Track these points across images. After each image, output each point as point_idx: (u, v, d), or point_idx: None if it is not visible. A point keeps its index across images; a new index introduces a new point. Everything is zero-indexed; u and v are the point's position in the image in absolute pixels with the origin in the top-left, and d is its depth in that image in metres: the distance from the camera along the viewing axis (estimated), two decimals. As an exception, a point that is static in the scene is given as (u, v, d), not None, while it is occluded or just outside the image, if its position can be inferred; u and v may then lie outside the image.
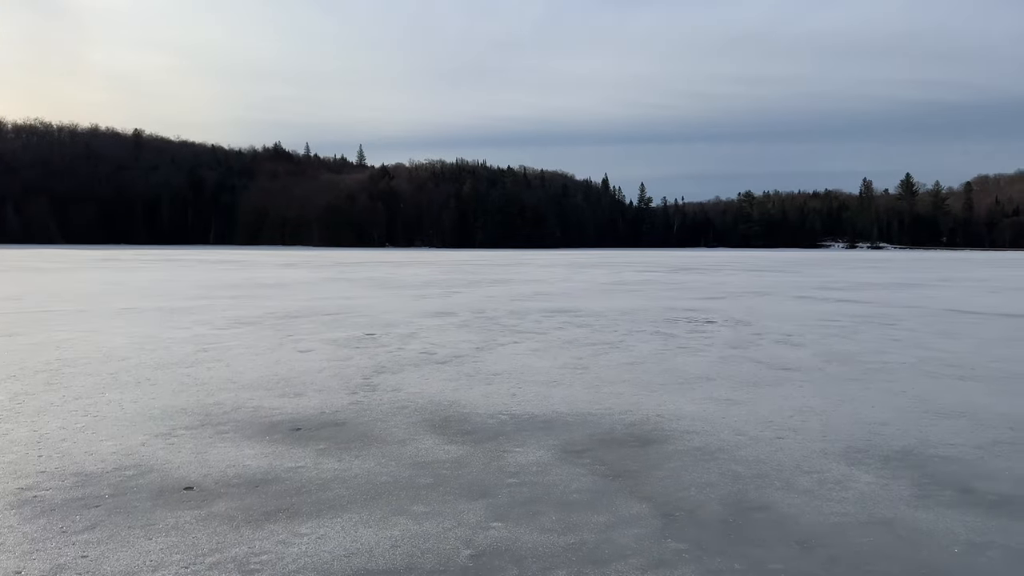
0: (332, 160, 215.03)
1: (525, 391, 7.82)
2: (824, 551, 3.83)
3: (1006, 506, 4.49)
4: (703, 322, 14.51)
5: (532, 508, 4.42)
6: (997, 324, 14.38)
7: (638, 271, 40.23)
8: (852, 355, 10.35)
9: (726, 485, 4.86)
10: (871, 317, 15.61)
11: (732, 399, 7.48)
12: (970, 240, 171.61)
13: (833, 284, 28.30)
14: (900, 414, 6.84)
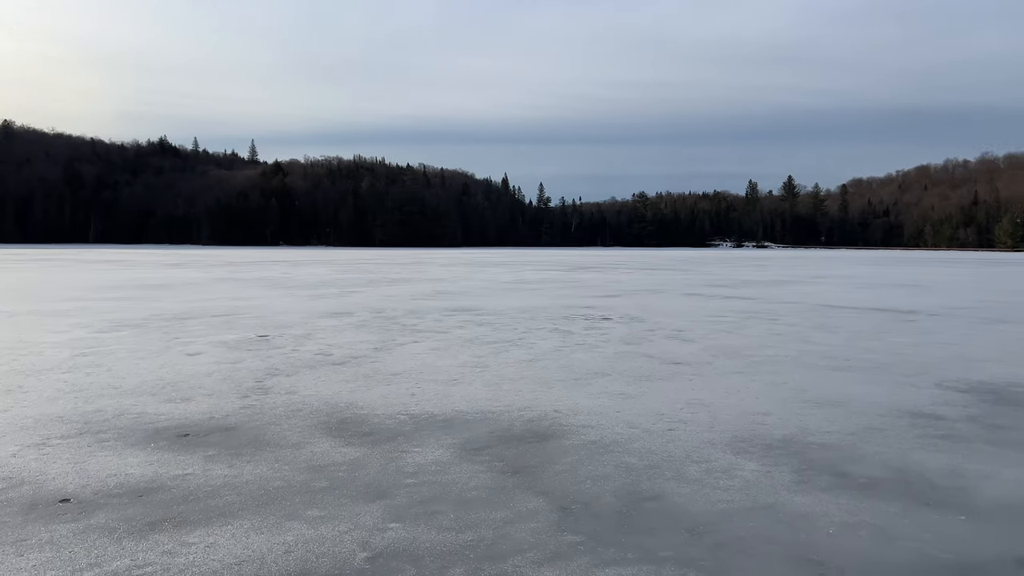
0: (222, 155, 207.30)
1: (425, 390, 7.78)
2: (711, 537, 4.00)
3: (875, 488, 4.81)
4: (599, 319, 14.84)
5: (430, 507, 4.40)
6: (868, 318, 15.37)
7: (538, 270, 40.73)
8: (738, 349, 10.83)
9: (620, 477, 4.99)
10: (756, 313, 16.37)
11: (626, 393, 7.69)
12: (845, 239, 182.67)
13: (721, 282, 29.51)
14: (781, 404, 7.21)
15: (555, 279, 30.95)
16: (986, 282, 30.13)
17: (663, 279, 31.35)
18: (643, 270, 41.12)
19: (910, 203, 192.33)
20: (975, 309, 17.53)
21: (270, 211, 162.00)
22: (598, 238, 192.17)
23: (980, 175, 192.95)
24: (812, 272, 39.68)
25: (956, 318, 15.39)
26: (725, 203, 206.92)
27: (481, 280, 29.76)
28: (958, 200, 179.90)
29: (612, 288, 25.08)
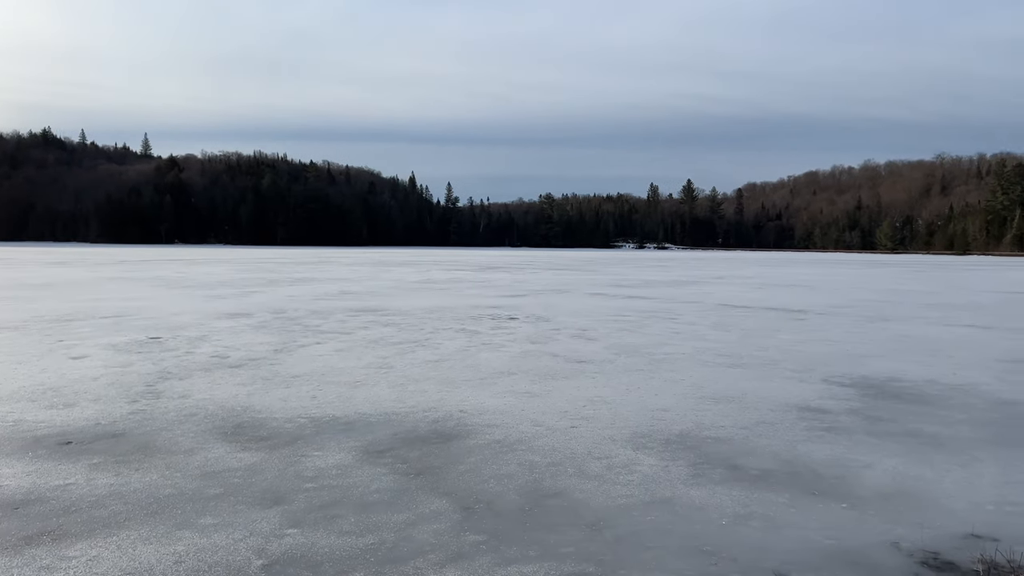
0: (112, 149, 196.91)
1: (326, 393, 7.62)
2: (611, 532, 4.08)
3: (766, 479, 5.02)
4: (506, 319, 14.91)
5: (330, 512, 4.31)
6: (761, 317, 16.05)
7: (446, 270, 40.59)
8: (639, 347, 11.10)
9: (523, 475, 5.02)
10: (656, 312, 16.83)
11: (531, 392, 7.75)
12: (741, 241, 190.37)
13: (624, 282, 30.21)
14: (679, 400, 7.44)
15: (463, 279, 30.92)
16: (868, 282, 32.00)
17: (569, 279, 31.82)
18: (550, 270, 41.62)
19: (800, 207, 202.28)
20: (858, 308, 18.58)
21: (165, 208, 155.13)
22: (506, 238, 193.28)
23: (863, 181, 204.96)
24: (710, 273, 41.14)
25: (841, 316, 16.27)
26: (628, 205, 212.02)
27: (387, 280, 29.42)
28: (844, 204, 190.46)
29: (519, 288, 25.27)
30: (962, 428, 6.45)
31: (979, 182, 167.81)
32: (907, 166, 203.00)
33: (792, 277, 36.32)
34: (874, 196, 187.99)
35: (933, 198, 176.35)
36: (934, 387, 8.27)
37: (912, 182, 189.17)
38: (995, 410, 7.17)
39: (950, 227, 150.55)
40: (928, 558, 3.80)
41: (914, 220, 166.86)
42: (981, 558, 3.77)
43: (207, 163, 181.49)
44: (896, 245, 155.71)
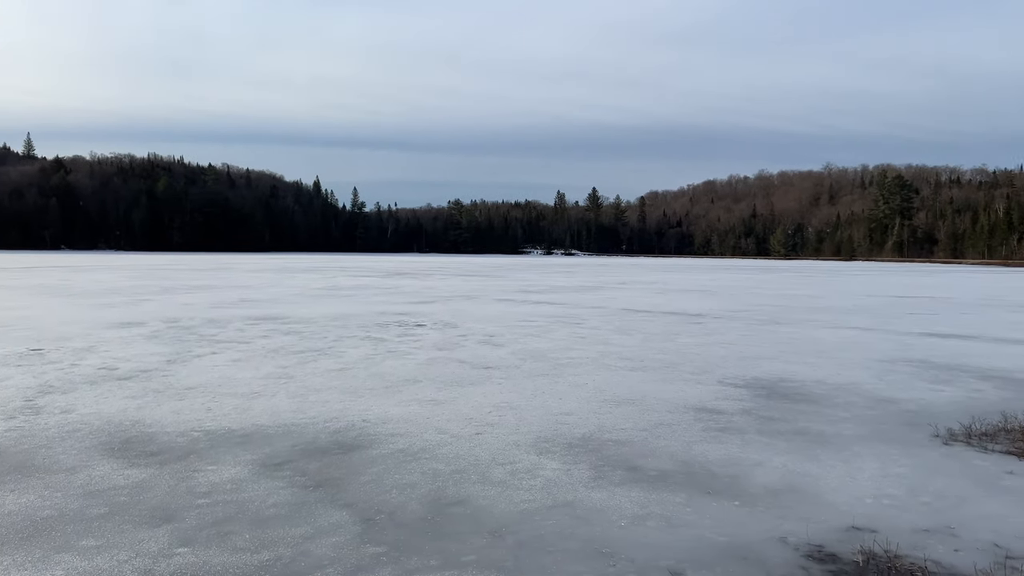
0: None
1: (222, 405, 7.35)
2: (513, 537, 4.09)
3: (664, 480, 5.16)
4: (413, 325, 14.79)
5: (224, 528, 4.15)
6: (662, 321, 16.52)
7: (352, 276, 39.92)
8: (545, 352, 11.22)
9: (427, 484, 4.99)
10: (562, 317, 17.07)
11: (437, 399, 7.71)
12: (644, 247, 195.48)
13: (531, 287, 30.50)
14: (582, 404, 7.56)
15: (370, 285, 30.50)
16: (762, 287, 33.44)
17: (477, 285, 31.87)
18: (458, 276, 41.58)
19: (699, 215, 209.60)
20: (753, 312, 19.38)
21: (50, 211, 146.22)
22: (415, 244, 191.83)
23: (758, 190, 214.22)
24: (615, 278, 42.04)
25: (737, 320, 16.93)
26: (536, 212, 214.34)
27: (290, 287, 28.69)
28: (740, 212, 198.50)
29: (427, 294, 25.12)
30: (845, 426, 6.81)
31: (863, 192, 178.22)
32: (798, 176, 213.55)
33: (691, 282, 37.55)
34: (768, 205, 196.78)
35: (822, 207, 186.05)
36: (820, 387, 8.71)
37: (803, 191, 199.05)
38: (875, 408, 7.61)
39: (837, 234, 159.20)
40: (813, 551, 3.99)
41: (805, 227, 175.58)
42: (861, 549, 3.98)
43: (97, 165, 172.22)
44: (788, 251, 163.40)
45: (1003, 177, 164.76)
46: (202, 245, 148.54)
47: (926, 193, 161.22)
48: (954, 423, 6.81)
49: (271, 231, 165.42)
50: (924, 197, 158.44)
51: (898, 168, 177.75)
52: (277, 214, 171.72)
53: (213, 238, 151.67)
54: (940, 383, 9.03)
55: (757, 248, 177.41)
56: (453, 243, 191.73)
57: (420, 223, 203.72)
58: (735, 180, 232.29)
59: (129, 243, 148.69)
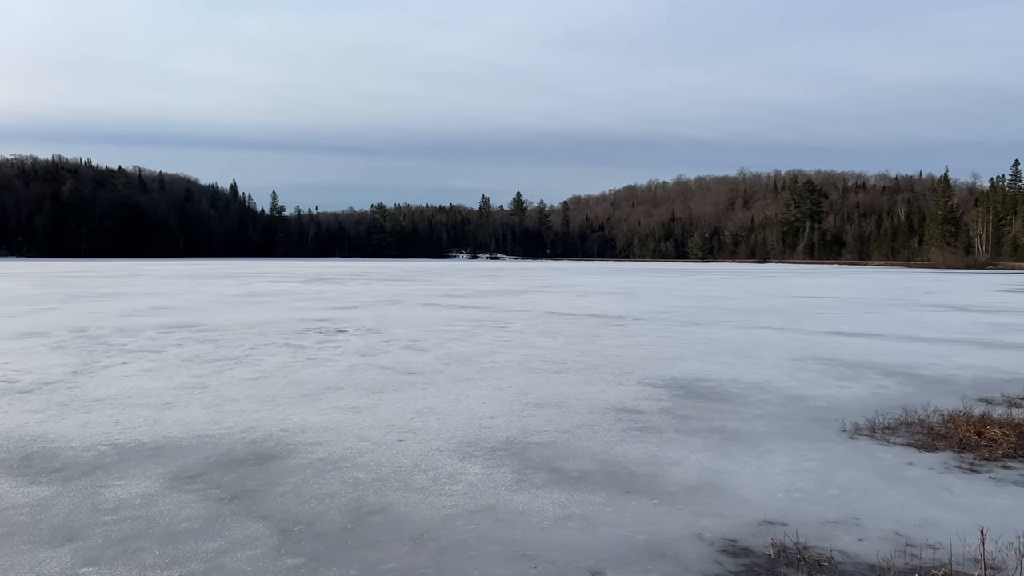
0: None
1: (132, 417, 7.06)
2: (435, 544, 4.07)
3: (585, 481, 5.22)
4: (334, 332, 14.55)
5: (132, 546, 3.99)
6: (584, 323, 16.74)
7: (271, 282, 38.98)
8: (469, 356, 11.21)
9: (347, 493, 4.90)
10: (487, 321, 17.09)
11: (358, 407, 7.60)
12: (568, 251, 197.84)
13: (457, 292, 30.44)
14: (506, 407, 7.58)
15: (289, 291, 29.83)
16: (681, 289, 34.29)
17: (401, 290, 31.60)
18: (382, 281, 41.12)
19: (621, 219, 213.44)
20: (672, 313, 19.85)
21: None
22: (337, 249, 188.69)
23: (676, 195, 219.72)
24: (539, 282, 42.35)
25: (656, 322, 17.31)
26: (461, 216, 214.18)
27: (206, 293, 27.80)
28: (659, 217, 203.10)
29: (350, 300, 24.75)
30: (758, 423, 7.04)
31: (776, 196, 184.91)
32: (714, 181, 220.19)
33: (613, 285, 38.18)
34: (686, 209, 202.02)
35: (737, 211, 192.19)
36: (735, 386, 8.98)
37: (719, 196, 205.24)
38: (786, 405, 7.89)
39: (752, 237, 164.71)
40: (727, 546, 4.11)
41: (721, 231, 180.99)
42: (772, 542, 4.12)
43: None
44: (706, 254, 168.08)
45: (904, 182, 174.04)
46: (112, 251, 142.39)
47: (834, 198, 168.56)
48: (859, 418, 7.13)
49: (186, 236, 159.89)
50: (832, 201, 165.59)
51: (808, 174, 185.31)
52: (192, 219, 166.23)
53: (124, 244, 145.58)
54: (847, 380, 9.44)
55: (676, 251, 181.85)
56: (377, 247, 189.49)
57: (342, 227, 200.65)
58: (655, 185, 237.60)
59: (32, 249, 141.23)
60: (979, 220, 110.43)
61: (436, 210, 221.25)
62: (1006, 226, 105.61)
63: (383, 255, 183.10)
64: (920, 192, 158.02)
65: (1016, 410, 7.42)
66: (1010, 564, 3.72)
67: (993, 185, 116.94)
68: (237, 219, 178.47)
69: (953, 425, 6.51)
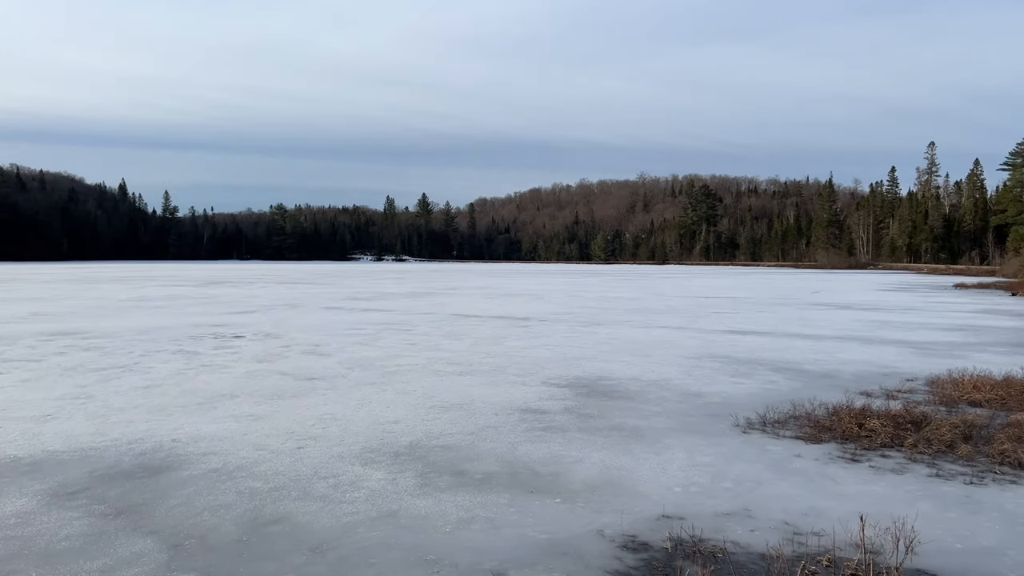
0: None
1: (7, 430, 6.59)
2: (335, 553, 3.98)
3: (488, 482, 5.22)
4: (231, 337, 14.06)
5: (5, 568, 3.72)
6: (491, 325, 16.79)
7: (163, 286, 37.29)
8: (373, 360, 11.05)
9: (243, 503, 4.73)
10: (392, 324, 16.89)
11: (255, 414, 7.36)
12: (475, 253, 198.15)
13: (361, 295, 29.96)
14: (410, 411, 7.50)
15: (183, 295, 28.61)
16: (584, 290, 34.90)
17: (303, 293, 30.84)
18: (283, 284, 40.01)
19: (526, 221, 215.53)
20: (576, 314, 20.17)
21: None
22: (234, 251, 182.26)
23: (580, 198, 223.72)
24: (446, 284, 42.22)
25: (560, 323, 17.55)
26: (365, 217, 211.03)
27: (91, 299, 26.33)
28: (564, 219, 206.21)
29: (248, 304, 23.97)
30: (657, 420, 7.24)
31: (674, 200, 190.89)
32: (615, 185, 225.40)
33: (519, 287, 38.48)
34: (589, 212, 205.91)
35: (638, 214, 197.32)
36: (636, 384, 9.20)
37: (620, 199, 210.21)
38: (684, 402, 8.15)
39: (651, 240, 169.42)
40: (627, 541, 4.19)
41: (623, 233, 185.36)
42: (670, 536, 4.24)
43: None
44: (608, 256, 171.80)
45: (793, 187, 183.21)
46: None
47: (728, 201, 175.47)
48: (752, 413, 7.43)
49: (70, 238, 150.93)
50: (727, 205, 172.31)
51: (704, 178, 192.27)
52: (77, 220, 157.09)
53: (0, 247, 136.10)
54: (740, 376, 9.83)
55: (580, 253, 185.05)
56: (277, 249, 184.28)
57: (240, 229, 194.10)
58: (559, 188, 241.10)
59: None
60: (860, 223, 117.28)
61: (339, 211, 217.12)
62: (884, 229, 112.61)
63: (283, 257, 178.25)
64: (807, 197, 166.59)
65: (893, 402, 7.91)
66: (887, 548, 3.96)
67: (873, 190, 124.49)
68: (127, 220, 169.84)
69: (837, 418, 6.88)
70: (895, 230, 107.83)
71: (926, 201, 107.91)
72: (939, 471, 5.49)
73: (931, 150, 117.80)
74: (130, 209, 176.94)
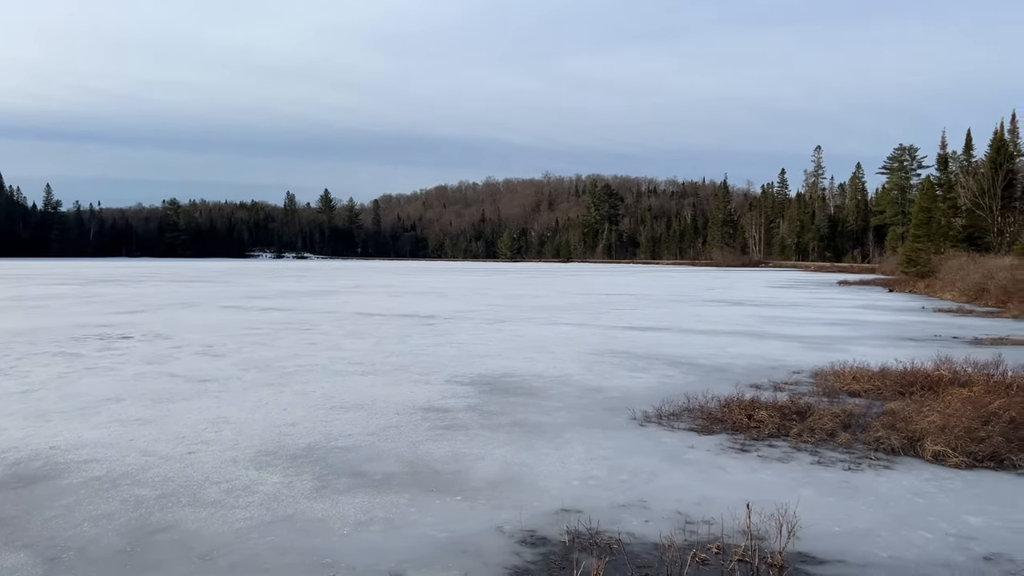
0: None
1: None
2: (226, 560, 3.84)
3: (388, 483, 5.17)
4: (118, 338, 13.37)
5: None
6: (395, 323, 16.62)
7: (44, 284, 35.08)
8: (271, 361, 10.74)
9: (128, 512, 4.51)
10: (292, 324, 16.47)
11: (143, 419, 7.03)
12: (380, 250, 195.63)
13: (259, 293, 29.07)
14: (309, 412, 7.34)
15: (66, 294, 27.01)
16: (490, 288, 35.04)
17: (198, 292, 29.66)
18: (176, 282, 38.36)
19: (433, 219, 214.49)
20: (481, 312, 20.22)
21: None
22: (124, 247, 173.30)
23: (486, 196, 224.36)
24: (349, 282, 41.49)
25: (466, 320, 17.55)
26: (264, 213, 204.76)
27: (-38, 298, 24.49)
28: (470, 217, 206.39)
29: (137, 303, 22.86)
30: (558, 415, 7.34)
31: (578, 199, 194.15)
32: (521, 183, 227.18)
33: (425, 285, 38.26)
34: (495, 210, 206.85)
35: (543, 212, 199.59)
36: (538, 380, 9.31)
37: (526, 198, 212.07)
38: (584, 397, 8.30)
39: (556, 238, 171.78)
40: (526, 536, 4.24)
41: (528, 232, 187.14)
42: (567, 529, 4.30)
43: None
44: (514, 254, 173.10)
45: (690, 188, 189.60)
46: None
47: (629, 201, 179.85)
48: (649, 406, 7.64)
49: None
50: (628, 205, 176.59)
51: (606, 178, 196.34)
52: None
53: None
54: (638, 371, 10.09)
55: (487, 251, 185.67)
56: (170, 246, 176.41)
57: (130, 224, 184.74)
58: (465, 186, 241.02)
59: None
60: (753, 223, 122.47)
61: (237, 207, 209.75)
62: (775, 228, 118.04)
63: (177, 254, 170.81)
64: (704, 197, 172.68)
65: (780, 394, 8.31)
66: (772, 533, 4.15)
67: (764, 191, 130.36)
68: (4, 214, 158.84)
69: (728, 409, 7.16)
70: (785, 230, 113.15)
71: (813, 202, 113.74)
72: (821, 459, 5.80)
73: (818, 153, 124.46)
74: (7, 202, 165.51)
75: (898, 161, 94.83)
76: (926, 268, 37.28)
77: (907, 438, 6.11)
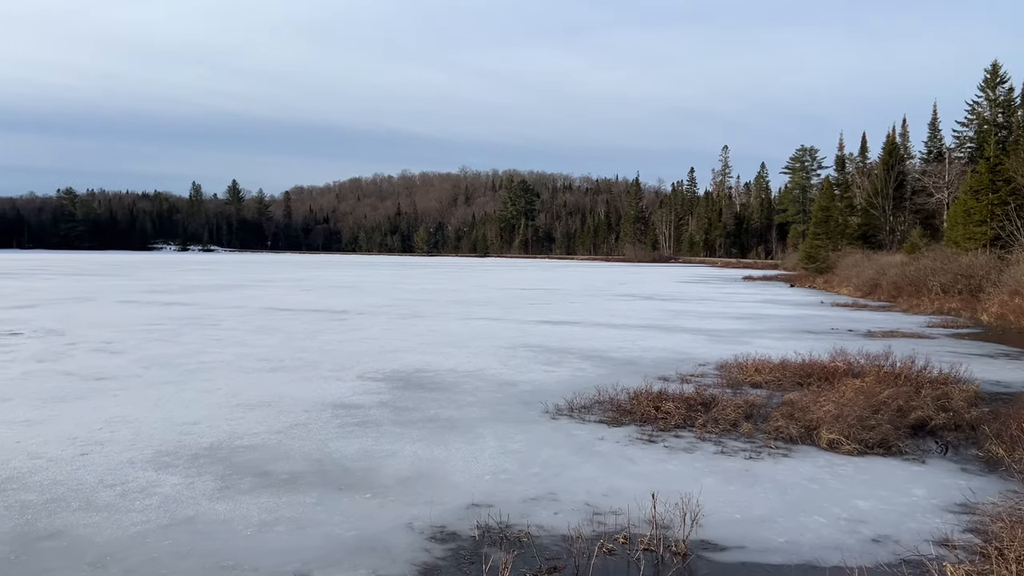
0: None
1: None
2: (119, 566, 3.66)
3: (295, 482, 5.04)
4: (6, 334, 12.60)
5: None
6: (305, 319, 16.25)
7: (-80, 277, 32.68)
8: (172, 358, 10.32)
9: (12, 519, 4.25)
10: (196, 319, 15.88)
11: (31, 419, 6.63)
12: (291, 243, 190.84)
13: (161, 288, 27.91)
14: (212, 411, 7.08)
15: (-53, 288, 25.23)
16: (406, 283, 34.73)
17: (95, 286, 28.22)
18: (71, 276, 36.39)
19: (347, 212, 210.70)
20: (396, 306, 20.00)
21: None
22: (14, 239, 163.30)
23: (402, 189, 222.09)
24: (258, 276, 40.32)
25: (380, 315, 17.32)
26: (168, 204, 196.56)
27: None
28: (385, 211, 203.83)
29: (28, 298, 21.57)
30: (472, 410, 7.33)
31: (494, 194, 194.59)
32: (438, 177, 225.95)
33: (338, 279, 37.57)
34: (411, 204, 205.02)
35: (460, 207, 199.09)
36: (452, 375, 9.28)
37: (442, 192, 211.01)
38: (498, 391, 8.32)
39: (473, 233, 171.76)
40: (436, 532, 4.21)
41: (445, 226, 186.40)
42: (477, 524, 4.30)
43: None
44: (431, 248, 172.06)
45: (604, 185, 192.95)
46: None
47: (545, 197, 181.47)
48: (560, 400, 7.72)
49: None
50: (544, 201, 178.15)
51: (523, 174, 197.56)
52: None
53: None
54: (552, 365, 10.19)
55: (402, 245, 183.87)
56: (66, 238, 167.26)
57: (21, 215, 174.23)
58: (380, 179, 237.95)
59: None
60: (663, 220, 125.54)
61: (139, 197, 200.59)
62: (684, 225, 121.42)
63: (74, 247, 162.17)
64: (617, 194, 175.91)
65: (687, 385, 8.54)
66: (676, 522, 4.25)
67: (674, 189, 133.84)
68: None
69: (637, 402, 7.31)
70: (694, 226, 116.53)
71: (720, 200, 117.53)
72: (724, 448, 5.99)
73: (724, 153, 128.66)
74: None
75: (799, 161, 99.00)
76: (824, 264, 39.09)
77: (804, 427, 6.38)
